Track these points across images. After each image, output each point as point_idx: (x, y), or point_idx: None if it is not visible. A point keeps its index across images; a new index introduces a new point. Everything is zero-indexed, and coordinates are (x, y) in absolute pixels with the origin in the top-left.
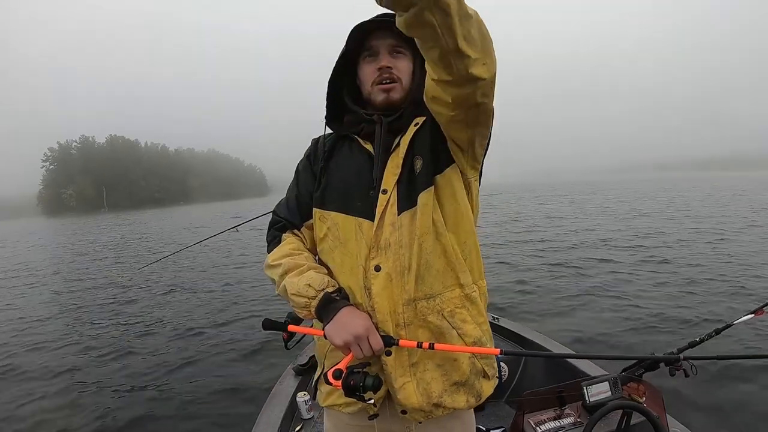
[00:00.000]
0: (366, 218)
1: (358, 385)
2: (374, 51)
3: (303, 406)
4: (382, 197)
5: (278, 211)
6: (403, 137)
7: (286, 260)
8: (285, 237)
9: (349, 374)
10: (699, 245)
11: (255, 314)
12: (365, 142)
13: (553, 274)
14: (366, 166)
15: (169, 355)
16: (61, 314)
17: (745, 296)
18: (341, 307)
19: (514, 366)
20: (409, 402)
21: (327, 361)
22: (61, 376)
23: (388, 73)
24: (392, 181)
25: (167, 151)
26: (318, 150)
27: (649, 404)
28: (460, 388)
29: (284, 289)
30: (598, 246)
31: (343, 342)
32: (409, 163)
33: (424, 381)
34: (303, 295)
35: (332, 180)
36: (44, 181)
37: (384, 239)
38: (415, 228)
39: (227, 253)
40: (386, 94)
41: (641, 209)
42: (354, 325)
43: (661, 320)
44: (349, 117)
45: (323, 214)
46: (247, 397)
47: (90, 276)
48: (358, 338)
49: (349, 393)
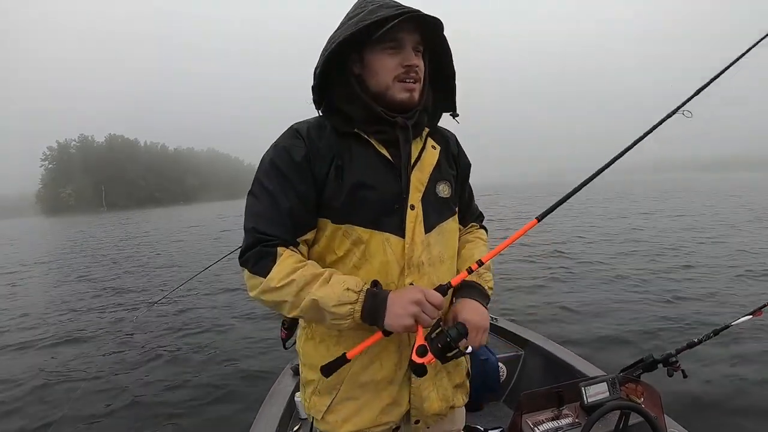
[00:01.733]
0: (394, 234)
1: (447, 341)
2: (400, 44)
3: (301, 406)
4: (411, 213)
5: (260, 227)
6: (424, 153)
7: (297, 274)
8: (281, 251)
9: (433, 341)
10: (698, 245)
11: (254, 314)
12: (380, 145)
13: (553, 273)
14: (388, 176)
15: (166, 354)
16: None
17: (745, 296)
18: (387, 296)
19: (512, 367)
20: (431, 409)
21: (346, 385)
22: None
23: (415, 71)
24: (418, 197)
25: (167, 150)
26: (318, 148)
27: (647, 405)
28: (459, 389)
29: (312, 305)
30: (599, 246)
31: (411, 315)
32: (432, 183)
33: (442, 387)
34: (345, 302)
35: (355, 189)
36: (43, 179)
37: (417, 257)
38: (445, 250)
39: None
40: (409, 94)
41: (644, 210)
42: (408, 295)
43: (660, 321)
44: (360, 113)
45: (348, 230)
46: (245, 397)
47: (89, 276)
48: (420, 303)
49: (443, 357)
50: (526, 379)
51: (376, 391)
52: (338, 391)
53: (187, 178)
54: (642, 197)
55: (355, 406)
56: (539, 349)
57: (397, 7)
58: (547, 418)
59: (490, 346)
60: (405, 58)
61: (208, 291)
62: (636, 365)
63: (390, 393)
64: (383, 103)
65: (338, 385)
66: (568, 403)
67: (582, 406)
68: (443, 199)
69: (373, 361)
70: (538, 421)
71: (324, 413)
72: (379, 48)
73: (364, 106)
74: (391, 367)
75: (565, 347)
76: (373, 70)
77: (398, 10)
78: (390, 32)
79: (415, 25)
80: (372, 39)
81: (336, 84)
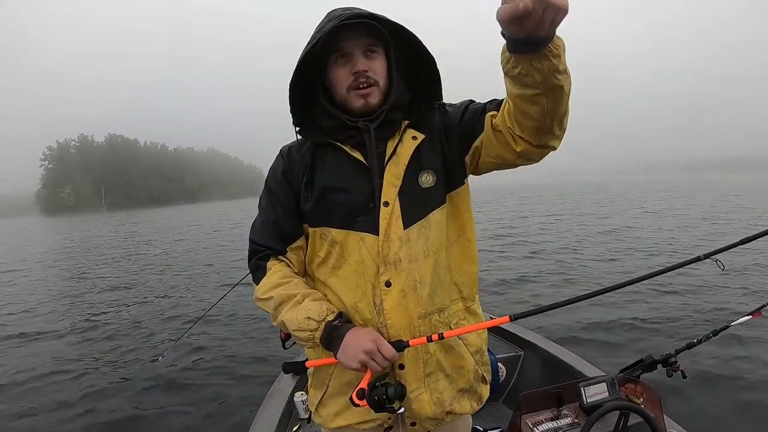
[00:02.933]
0: (369, 232)
1: (383, 398)
2: (347, 52)
3: (300, 406)
4: (385, 210)
5: (256, 239)
6: (399, 147)
7: (276, 291)
8: (270, 266)
9: (371, 391)
10: (696, 245)
11: (254, 313)
12: (352, 149)
13: (553, 273)
14: (360, 177)
15: (164, 354)
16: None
17: (745, 296)
18: (345, 333)
19: (511, 367)
20: (423, 412)
21: (333, 381)
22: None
23: (365, 77)
24: (393, 192)
25: (166, 150)
26: (294, 163)
27: (646, 405)
28: (465, 394)
29: (283, 324)
30: (598, 246)
31: (359, 362)
32: (411, 175)
33: (437, 391)
34: (305, 329)
35: (325, 194)
36: (43, 179)
37: (393, 254)
38: (430, 244)
39: (227, 256)
40: (364, 100)
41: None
42: (362, 343)
43: (659, 321)
44: (329, 123)
45: (323, 232)
46: (244, 397)
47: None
48: (370, 353)
49: (378, 408)
50: (526, 380)
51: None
52: (327, 387)
53: (187, 178)
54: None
55: (343, 401)
56: (538, 350)
57: (341, 17)
58: (546, 419)
59: (490, 346)
60: (353, 65)
61: (208, 290)
62: (635, 366)
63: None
64: (348, 111)
65: (326, 380)
66: (568, 404)
67: (581, 407)
68: (426, 189)
69: None
70: (538, 422)
71: (317, 406)
72: (332, 60)
73: (330, 116)
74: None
75: (564, 347)
76: (332, 83)
77: (340, 21)
78: (335, 43)
79: (363, 28)
80: (327, 53)
81: (313, 102)
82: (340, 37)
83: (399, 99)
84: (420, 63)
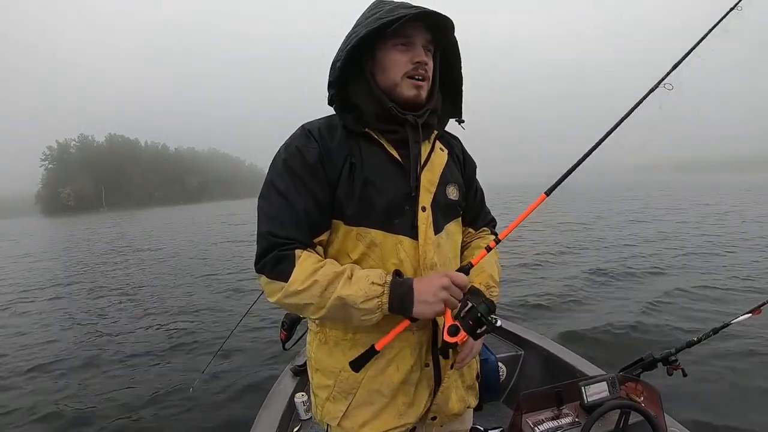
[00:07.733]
0: (406, 236)
1: (479, 318)
2: (411, 41)
3: (301, 407)
4: (423, 215)
5: (275, 231)
6: (433, 155)
7: (319, 274)
8: (299, 254)
9: (464, 319)
10: (695, 245)
11: (254, 314)
12: (390, 145)
13: (553, 272)
14: (398, 177)
15: (164, 355)
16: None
17: (744, 295)
18: (411, 284)
19: (511, 366)
20: (453, 409)
21: (362, 389)
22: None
23: (425, 69)
24: (428, 198)
25: (167, 150)
26: (330, 149)
27: (647, 404)
28: (469, 390)
29: (339, 304)
30: (598, 245)
31: (441, 300)
32: (441, 185)
33: (459, 389)
34: (371, 296)
35: (365, 191)
36: (43, 179)
37: (429, 259)
38: (449, 251)
39: (226, 258)
40: (417, 91)
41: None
42: (435, 281)
43: (659, 320)
44: (373, 107)
45: (360, 232)
46: (244, 397)
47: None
48: (448, 288)
49: (476, 334)
50: (526, 379)
51: (393, 395)
52: (354, 396)
53: (188, 178)
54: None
55: (372, 410)
56: (539, 349)
57: (412, 7)
58: (547, 418)
59: (490, 346)
60: (415, 54)
61: (208, 292)
62: (636, 364)
63: (407, 395)
64: (392, 99)
65: (354, 390)
66: (568, 403)
67: (582, 406)
68: (452, 201)
69: (389, 364)
70: (538, 421)
71: (340, 419)
72: (391, 44)
73: (376, 100)
74: (407, 370)
75: (564, 347)
76: (383, 66)
77: (414, 9)
78: (402, 29)
79: (426, 26)
80: (384, 36)
81: (350, 81)
82: (405, 26)
83: (436, 104)
84: (449, 78)
